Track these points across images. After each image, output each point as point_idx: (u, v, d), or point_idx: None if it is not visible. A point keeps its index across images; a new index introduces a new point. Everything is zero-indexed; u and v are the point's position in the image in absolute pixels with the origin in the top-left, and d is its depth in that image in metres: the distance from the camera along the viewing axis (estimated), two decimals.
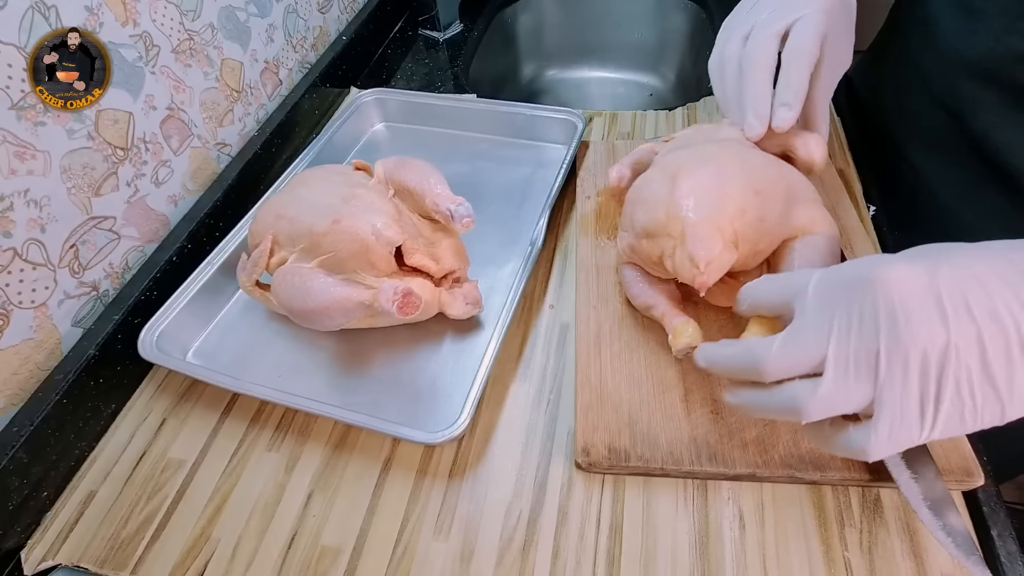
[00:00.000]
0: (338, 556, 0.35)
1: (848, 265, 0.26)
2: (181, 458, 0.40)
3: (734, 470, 0.35)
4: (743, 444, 0.35)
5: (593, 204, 0.51)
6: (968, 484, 0.33)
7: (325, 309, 0.38)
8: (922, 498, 0.31)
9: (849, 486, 0.35)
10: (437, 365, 0.43)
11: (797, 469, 0.34)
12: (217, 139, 0.55)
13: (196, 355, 0.45)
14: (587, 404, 0.38)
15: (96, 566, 0.36)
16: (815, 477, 0.34)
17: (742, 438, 0.36)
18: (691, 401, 0.38)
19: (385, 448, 0.40)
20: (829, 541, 0.34)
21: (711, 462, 0.35)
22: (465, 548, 0.35)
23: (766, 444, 0.35)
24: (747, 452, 0.35)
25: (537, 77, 0.89)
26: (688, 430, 0.36)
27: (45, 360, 0.41)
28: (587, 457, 0.36)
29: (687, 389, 0.38)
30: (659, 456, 0.35)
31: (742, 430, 0.36)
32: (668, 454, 0.36)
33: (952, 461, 0.34)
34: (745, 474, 0.35)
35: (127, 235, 0.47)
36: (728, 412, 0.37)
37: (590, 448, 0.36)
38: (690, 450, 0.36)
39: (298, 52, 0.65)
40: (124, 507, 0.38)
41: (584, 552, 0.34)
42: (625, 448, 0.36)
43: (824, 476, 0.34)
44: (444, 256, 0.43)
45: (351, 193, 0.42)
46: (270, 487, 0.38)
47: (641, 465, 0.35)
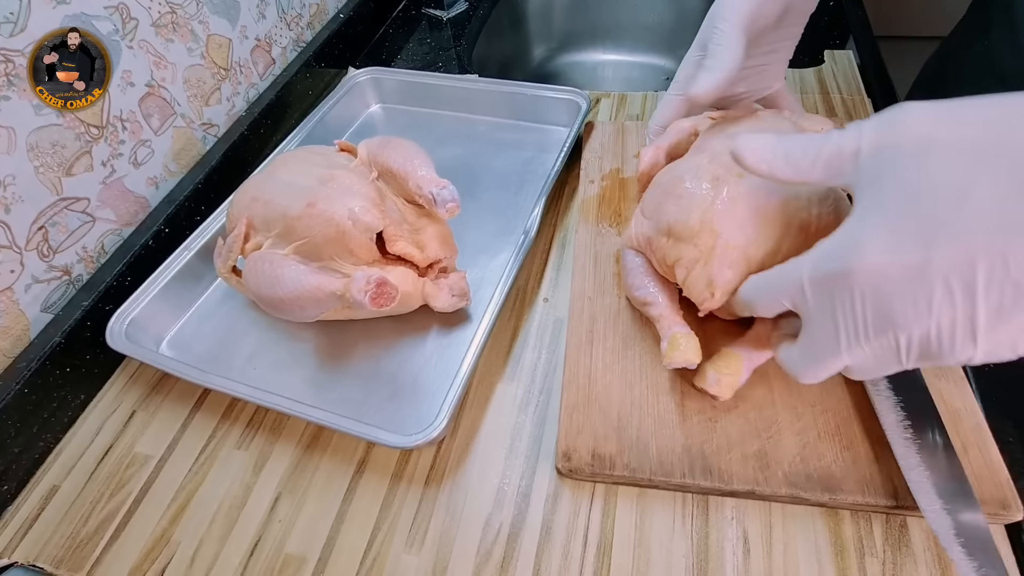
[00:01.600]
0: (302, 565, 0.33)
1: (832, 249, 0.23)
2: (147, 453, 0.38)
3: (730, 486, 0.31)
4: (743, 457, 0.32)
5: (597, 188, 0.47)
6: (1004, 518, 0.29)
7: (296, 299, 0.36)
8: (954, 533, 0.26)
9: (862, 512, 0.31)
10: (420, 361, 0.40)
11: (803, 489, 0.30)
12: (203, 119, 0.52)
13: (170, 345, 0.43)
14: (573, 404, 0.35)
15: (52, 566, 0.34)
16: (823, 499, 0.31)
17: (742, 451, 0.32)
18: (687, 407, 0.34)
19: (359, 449, 0.37)
20: (846, 571, 0.30)
21: (705, 476, 0.31)
22: (438, 563, 0.32)
23: (769, 459, 0.32)
24: (747, 467, 0.31)
25: (547, 60, 0.85)
26: (682, 439, 0.33)
27: (11, 347, 0.39)
28: (568, 462, 0.33)
29: (684, 393, 0.34)
30: (648, 466, 0.32)
31: (743, 442, 0.32)
32: (658, 464, 0.32)
33: (984, 491, 0.29)
34: (743, 491, 0.31)
35: (103, 217, 0.45)
36: (728, 421, 0.33)
37: (572, 453, 0.33)
38: (683, 461, 0.32)
39: (292, 30, 0.62)
40: (86, 504, 0.36)
41: (568, 572, 0.31)
42: (611, 455, 0.33)
43: (834, 499, 0.30)
44: (429, 244, 0.40)
45: (329, 175, 0.39)
46: (236, 488, 0.36)
47: (627, 475, 0.32)
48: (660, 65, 0.82)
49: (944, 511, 0.27)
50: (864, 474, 0.31)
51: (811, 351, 0.25)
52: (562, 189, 0.50)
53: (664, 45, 0.82)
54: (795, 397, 0.34)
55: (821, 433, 0.32)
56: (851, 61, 0.58)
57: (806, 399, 0.34)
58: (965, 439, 0.31)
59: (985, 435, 0.31)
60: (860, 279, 0.21)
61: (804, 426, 0.33)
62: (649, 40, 0.82)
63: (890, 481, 0.30)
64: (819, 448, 0.32)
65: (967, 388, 0.33)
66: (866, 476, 0.31)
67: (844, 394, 0.34)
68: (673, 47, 0.81)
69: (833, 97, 0.55)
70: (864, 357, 0.23)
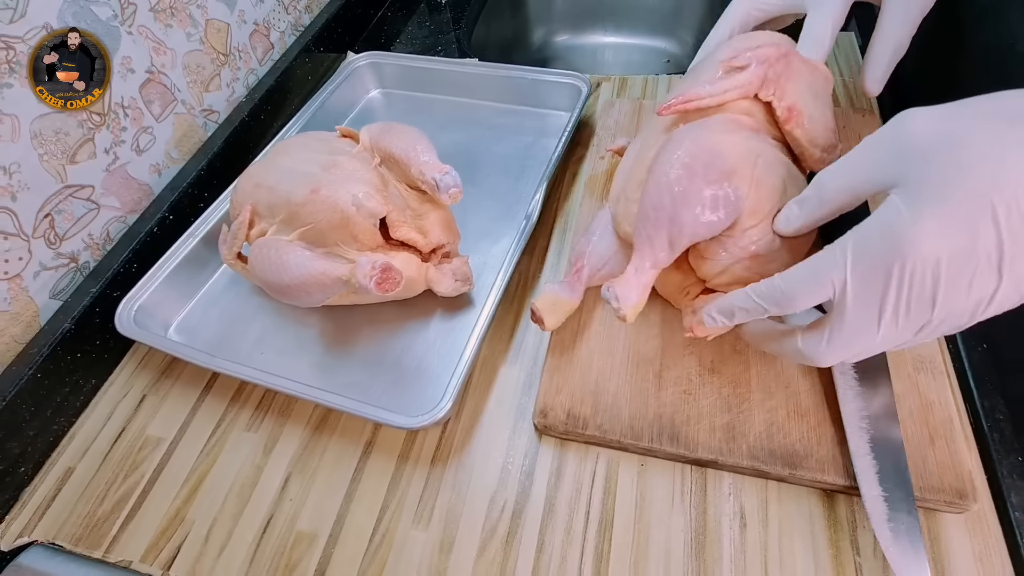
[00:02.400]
0: (313, 542, 0.34)
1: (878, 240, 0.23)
2: (159, 436, 0.39)
3: (695, 454, 0.33)
4: (711, 428, 0.33)
5: (606, 164, 0.47)
6: (960, 508, 0.30)
7: (301, 284, 0.36)
8: (886, 518, 0.29)
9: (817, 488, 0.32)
10: (424, 345, 0.41)
11: (764, 463, 0.32)
12: (203, 105, 0.52)
13: (178, 330, 0.44)
14: (555, 367, 0.36)
15: (71, 543, 0.35)
16: (783, 474, 0.32)
17: (711, 422, 0.34)
18: (665, 378, 0.35)
19: (366, 431, 0.38)
20: (839, 544, 0.31)
21: (672, 443, 0.33)
22: (445, 538, 0.33)
23: (736, 432, 0.33)
24: (713, 437, 0.33)
25: (547, 43, 0.84)
26: (655, 407, 0.34)
27: (22, 333, 0.40)
28: (544, 419, 0.35)
29: (663, 365, 0.36)
30: (618, 428, 0.34)
31: (713, 414, 0.34)
32: (628, 428, 0.34)
33: (945, 480, 0.30)
34: (706, 459, 0.33)
35: (107, 205, 0.45)
36: (702, 395, 0.35)
37: (548, 411, 0.35)
38: (652, 427, 0.34)
39: (291, 14, 0.62)
40: (101, 485, 0.37)
41: (571, 547, 0.32)
42: (585, 416, 0.34)
43: (794, 474, 0.32)
44: (432, 229, 0.40)
45: (332, 161, 0.39)
46: (247, 468, 0.37)
47: (598, 435, 0.34)
48: (661, 47, 0.82)
49: (881, 498, 0.29)
50: (826, 454, 0.32)
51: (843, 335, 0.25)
52: (563, 174, 0.50)
53: (664, 26, 0.81)
54: (771, 377, 0.35)
55: (791, 413, 0.33)
56: (853, 44, 0.58)
57: (781, 380, 0.35)
58: (934, 430, 0.32)
59: (955, 428, 0.32)
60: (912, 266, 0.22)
61: (775, 404, 0.34)
62: (650, 21, 0.81)
63: (851, 464, 0.31)
64: (787, 426, 0.33)
65: (945, 382, 0.33)
66: (828, 456, 0.32)
67: (817, 379, 0.35)
68: (674, 29, 0.81)
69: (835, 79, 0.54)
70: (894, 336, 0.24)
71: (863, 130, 0.46)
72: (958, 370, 0.36)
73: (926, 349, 0.35)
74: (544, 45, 0.84)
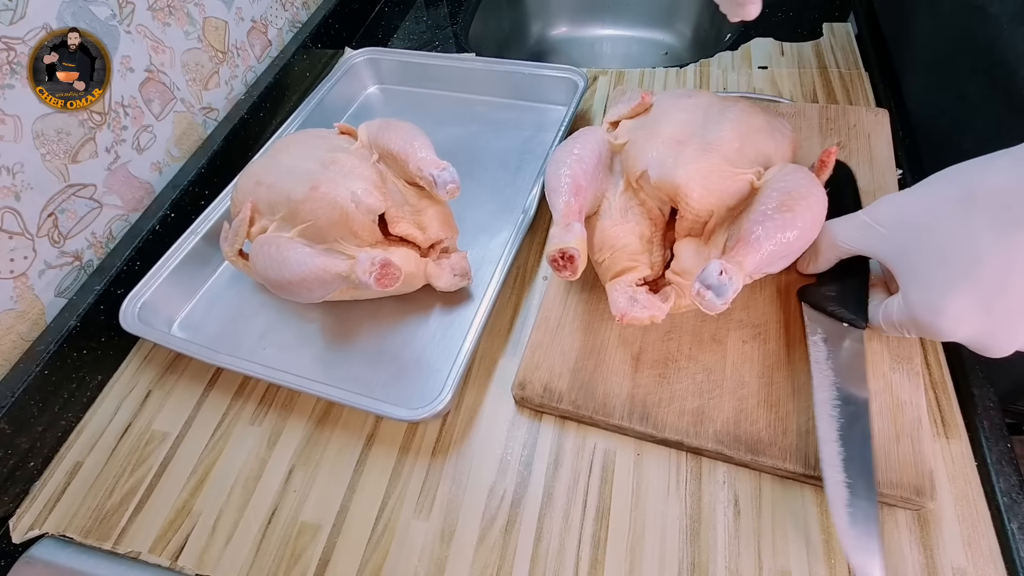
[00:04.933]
0: (317, 532, 0.34)
1: None
2: (165, 430, 0.40)
3: (662, 434, 0.34)
4: (680, 411, 0.34)
5: None
6: (916, 504, 0.31)
7: (302, 280, 0.37)
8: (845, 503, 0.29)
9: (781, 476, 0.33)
10: (424, 338, 0.42)
11: (728, 447, 0.33)
12: (202, 103, 0.53)
13: (182, 327, 0.44)
14: (538, 343, 0.38)
15: (81, 536, 0.36)
16: (746, 459, 0.33)
17: (681, 405, 0.35)
18: (642, 360, 0.37)
19: (368, 424, 0.38)
20: (831, 529, 0.32)
21: (641, 422, 0.34)
22: (446, 527, 0.34)
23: (704, 416, 0.34)
24: (682, 420, 0.34)
25: (544, 36, 0.84)
26: (629, 387, 0.36)
27: (28, 331, 0.40)
28: (521, 391, 0.36)
29: (642, 348, 0.37)
30: (591, 405, 0.35)
31: (684, 398, 0.35)
32: (601, 405, 0.35)
33: (905, 476, 0.31)
34: (672, 440, 0.34)
35: (110, 203, 0.45)
36: (676, 379, 0.36)
37: (527, 384, 0.36)
38: (624, 406, 0.35)
39: (288, 11, 0.62)
40: (109, 478, 0.38)
41: (568, 535, 0.33)
42: (561, 390, 0.36)
43: (756, 460, 0.33)
44: (430, 225, 0.41)
45: (331, 158, 0.39)
46: (252, 461, 0.38)
47: (572, 410, 0.35)
48: (659, 40, 0.82)
49: (844, 484, 0.29)
50: (790, 444, 0.33)
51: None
52: None
53: (662, 19, 0.81)
54: (745, 368, 0.35)
55: (760, 402, 0.34)
56: (850, 34, 0.58)
57: (755, 371, 0.35)
58: (901, 429, 0.32)
59: (923, 429, 0.32)
60: None
61: (746, 393, 0.35)
62: (648, 14, 0.81)
63: (813, 455, 0.32)
64: (754, 414, 0.34)
65: (919, 383, 0.34)
66: (791, 446, 0.32)
67: (790, 372, 0.35)
68: (671, 20, 0.81)
69: (831, 72, 0.55)
70: None
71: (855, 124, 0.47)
72: (950, 359, 0.36)
73: (904, 349, 0.35)
74: (542, 39, 0.84)
